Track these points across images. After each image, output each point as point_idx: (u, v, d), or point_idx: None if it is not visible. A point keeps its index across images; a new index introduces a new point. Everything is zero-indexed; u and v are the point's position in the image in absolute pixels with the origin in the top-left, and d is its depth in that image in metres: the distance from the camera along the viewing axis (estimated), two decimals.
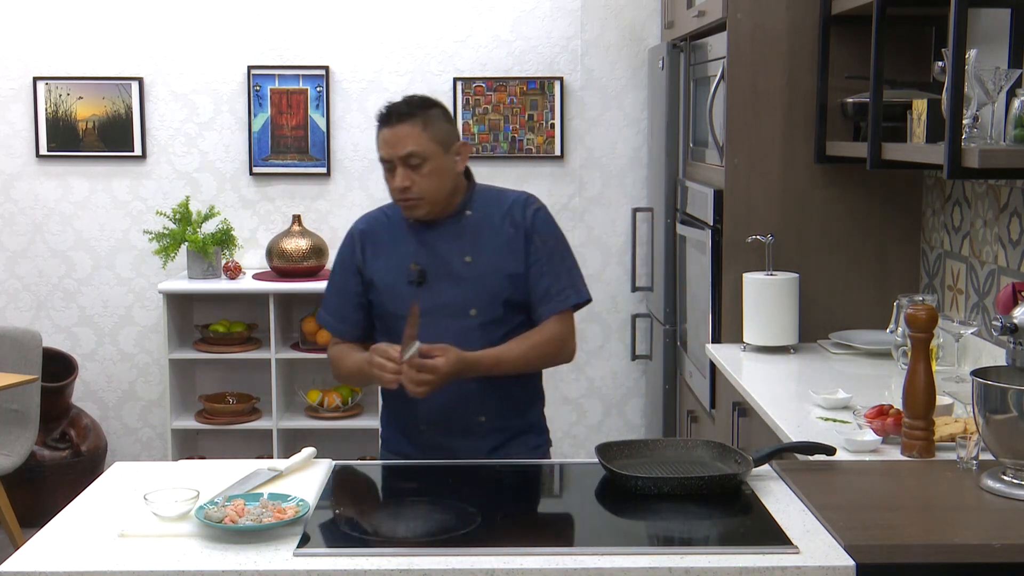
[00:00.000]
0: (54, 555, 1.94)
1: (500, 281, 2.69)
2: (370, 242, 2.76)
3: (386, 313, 2.73)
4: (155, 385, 5.24)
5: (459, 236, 2.71)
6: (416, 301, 2.56)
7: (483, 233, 2.71)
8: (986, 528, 1.98)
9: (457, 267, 2.69)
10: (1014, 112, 2.59)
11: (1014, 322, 2.30)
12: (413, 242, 2.72)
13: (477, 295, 2.68)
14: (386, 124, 2.67)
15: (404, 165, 2.63)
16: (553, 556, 1.89)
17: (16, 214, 5.17)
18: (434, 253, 2.70)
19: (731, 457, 2.33)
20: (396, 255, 2.73)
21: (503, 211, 2.73)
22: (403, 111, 2.67)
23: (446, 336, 2.63)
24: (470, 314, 2.67)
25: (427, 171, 2.63)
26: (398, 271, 2.71)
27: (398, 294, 2.69)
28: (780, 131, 3.73)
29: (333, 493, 2.26)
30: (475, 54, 5.09)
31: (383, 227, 2.78)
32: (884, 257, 3.78)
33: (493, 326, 2.68)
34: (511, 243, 2.71)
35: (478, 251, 2.70)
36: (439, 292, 2.68)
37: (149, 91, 5.10)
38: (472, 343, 2.64)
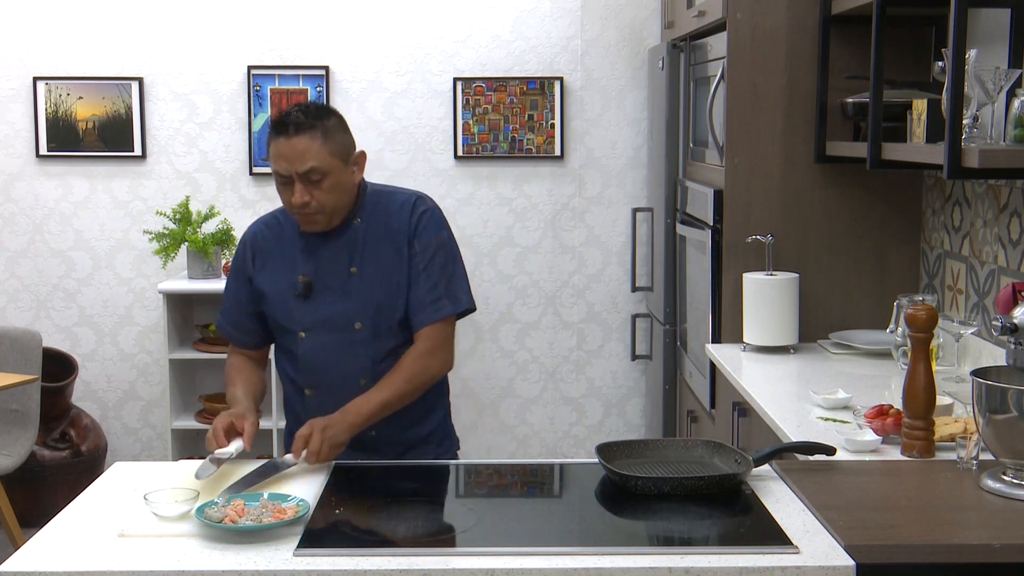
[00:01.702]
0: (54, 555, 1.94)
1: (385, 293, 2.60)
2: (260, 250, 2.66)
3: (276, 326, 2.66)
4: (155, 385, 5.24)
5: (346, 246, 2.61)
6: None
7: (370, 242, 2.61)
8: (986, 528, 1.98)
9: (342, 279, 2.60)
10: (1014, 112, 2.59)
11: (1014, 322, 2.30)
12: (301, 252, 2.62)
13: (362, 308, 2.59)
14: (282, 134, 2.50)
15: (303, 180, 2.49)
16: (553, 556, 1.89)
17: (16, 214, 5.17)
18: (321, 264, 2.61)
19: (731, 457, 2.33)
20: (284, 265, 2.63)
21: (393, 212, 2.63)
22: (300, 121, 2.49)
23: (332, 351, 2.59)
24: (355, 328, 2.60)
25: (327, 186, 2.51)
26: (286, 282, 2.62)
27: (286, 307, 2.62)
28: (780, 131, 3.73)
29: (333, 493, 2.26)
30: (475, 54, 5.09)
31: (274, 234, 2.66)
32: (884, 257, 3.79)
33: (379, 340, 2.61)
34: (397, 250, 2.61)
35: (364, 261, 2.60)
36: (324, 305, 2.60)
37: (149, 91, 5.10)
38: (359, 357, 2.60)
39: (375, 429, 2.60)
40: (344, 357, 2.60)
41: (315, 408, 2.59)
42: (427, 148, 5.13)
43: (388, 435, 2.65)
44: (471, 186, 5.15)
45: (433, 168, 5.13)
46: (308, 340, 2.61)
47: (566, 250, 5.19)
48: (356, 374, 2.62)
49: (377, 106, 5.12)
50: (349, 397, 2.56)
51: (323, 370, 2.63)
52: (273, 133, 2.53)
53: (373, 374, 2.61)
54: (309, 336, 2.61)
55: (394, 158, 5.14)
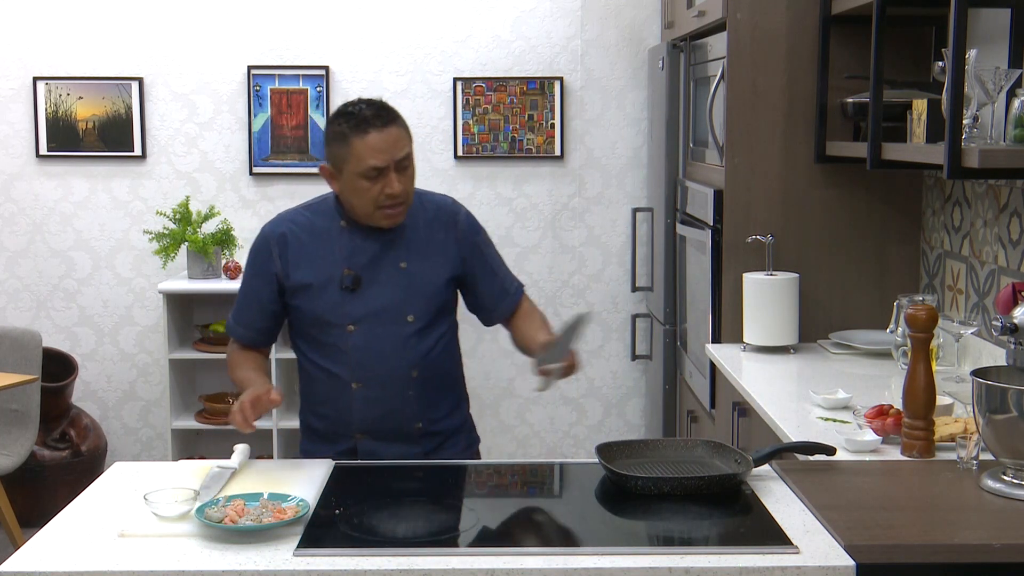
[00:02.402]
0: (54, 555, 1.94)
1: (435, 286, 2.66)
2: (292, 247, 2.63)
3: (315, 319, 2.64)
4: (155, 385, 5.25)
5: (393, 241, 2.63)
6: None
7: (414, 238, 2.65)
8: (986, 528, 1.98)
9: (392, 273, 2.62)
10: (1014, 112, 2.59)
11: (1014, 322, 2.30)
12: (344, 247, 2.62)
13: (413, 301, 2.63)
14: (372, 127, 2.50)
15: (397, 169, 2.53)
16: (553, 556, 1.89)
17: (16, 214, 5.17)
18: (367, 258, 2.62)
19: (731, 457, 2.33)
20: (325, 261, 2.62)
21: (430, 215, 2.68)
22: (384, 112, 2.53)
23: (383, 343, 2.61)
24: (407, 320, 2.63)
25: (410, 173, 2.58)
26: (328, 276, 2.61)
27: (329, 301, 2.61)
28: (780, 131, 3.73)
29: (333, 493, 2.26)
30: (475, 54, 5.09)
31: (305, 230, 2.65)
32: (884, 257, 3.78)
33: (428, 331, 2.65)
34: (442, 247, 2.67)
35: (411, 256, 2.64)
36: (374, 298, 2.61)
37: (149, 91, 5.10)
38: (409, 349, 2.62)
39: (421, 421, 2.66)
40: (396, 349, 2.61)
41: (363, 402, 2.63)
42: (427, 148, 5.13)
43: (431, 427, 2.70)
44: (471, 186, 5.15)
45: (433, 168, 5.13)
46: (358, 333, 2.61)
47: (566, 250, 5.19)
48: (408, 366, 2.64)
49: None
50: (400, 389, 2.63)
51: (375, 363, 2.62)
52: (358, 130, 2.50)
53: (423, 365, 2.65)
54: (359, 329, 2.60)
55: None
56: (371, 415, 2.64)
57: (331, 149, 2.58)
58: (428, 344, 2.66)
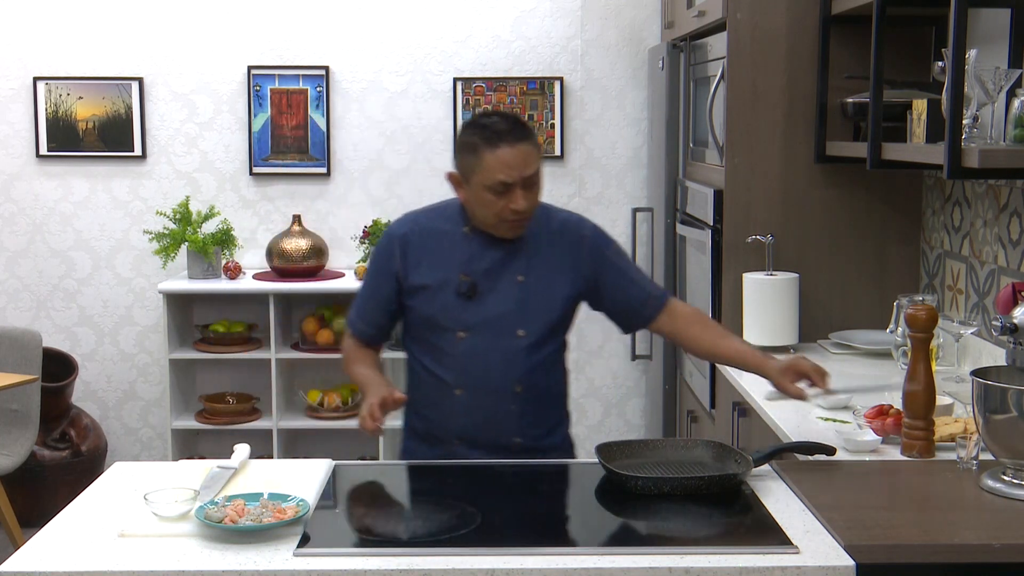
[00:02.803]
0: (54, 555, 1.94)
1: (551, 303, 2.63)
2: (413, 248, 2.63)
3: (428, 321, 2.63)
4: (155, 385, 5.24)
5: (514, 253, 2.61)
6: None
7: (536, 252, 2.63)
8: (986, 528, 1.98)
9: (509, 285, 2.61)
10: (1014, 112, 2.59)
11: (1014, 322, 2.30)
12: (464, 252, 2.61)
13: (526, 316, 2.61)
14: (504, 142, 2.48)
15: (525, 186, 2.50)
16: (553, 556, 1.90)
17: (16, 214, 5.17)
18: (486, 267, 2.60)
19: (731, 457, 2.33)
20: (444, 264, 2.61)
21: (554, 230, 2.66)
22: (517, 128, 2.52)
23: (490, 353, 2.59)
24: (517, 334, 2.61)
25: (537, 189, 2.55)
26: (445, 281, 2.60)
27: (443, 304, 2.60)
28: (780, 131, 3.73)
29: (333, 493, 2.26)
30: (475, 54, 5.09)
31: (428, 232, 2.65)
32: (884, 257, 3.78)
33: (536, 348, 2.62)
34: (564, 265, 2.64)
35: (531, 270, 2.62)
36: (488, 307, 2.59)
37: (149, 91, 5.10)
38: (516, 363, 2.60)
39: (521, 436, 2.64)
40: (503, 361, 2.60)
41: (465, 408, 2.62)
42: (427, 148, 5.13)
43: (529, 443, 2.65)
44: None
45: (433, 168, 5.13)
46: (467, 340, 2.60)
47: None
48: (512, 380, 2.62)
49: (377, 106, 5.12)
50: (501, 401, 2.61)
51: (480, 372, 2.61)
52: (490, 143, 2.49)
53: (528, 381, 2.62)
54: (469, 337, 2.60)
55: (394, 158, 5.14)
56: (471, 423, 2.62)
57: (460, 158, 2.58)
58: (535, 360, 2.63)
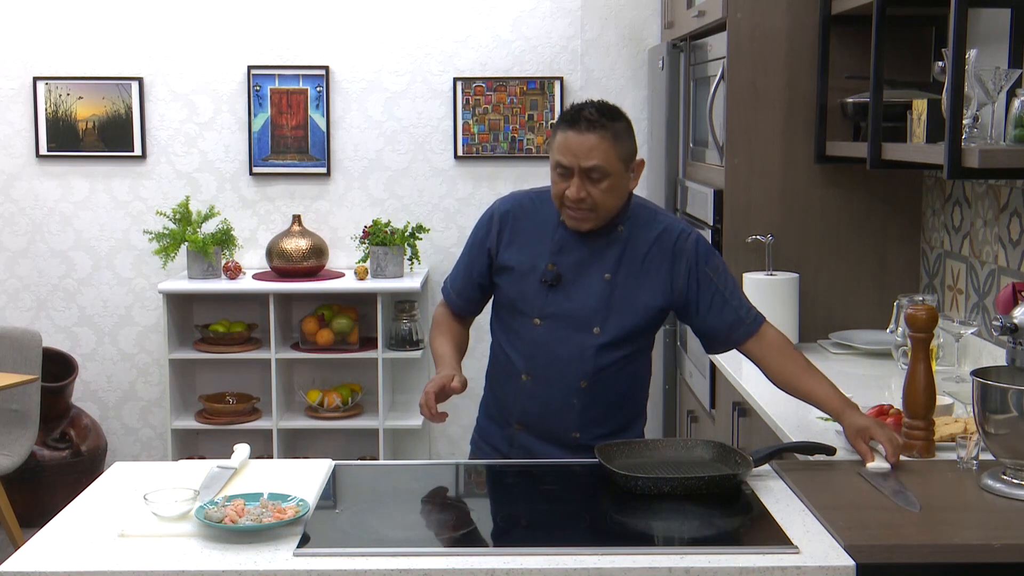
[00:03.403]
0: (54, 555, 1.94)
1: (633, 307, 2.58)
2: (509, 227, 2.63)
3: (509, 303, 2.63)
4: (155, 385, 5.24)
5: (605, 250, 2.58)
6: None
7: (628, 254, 2.59)
8: (986, 528, 1.98)
9: (594, 281, 2.57)
10: (1014, 112, 2.59)
11: (1014, 322, 2.30)
12: (556, 240, 2.59)
13: (606, 315, 2.57)
14: (573, 127, 2.48)
15: (583, 176, 2.48)
16: (553, 556, 1.89)
17: (16, 214, 5.17)
18: (574, 259, 2.58)
19: (731, 457, 2.33)
20: (534, 248, 2.60)
21: (653, 236, 2.60)
22: (594, 118, 2.48)
23: (561, 345, 2.58)
24: (593, 331, 2.58)
25: (606, 186, 2.49)
26: (532, 265, 2.59)
27: (526, 289, 2.60)
28: (780, 131, 3.73)
29: (333, 493, 2.26)
30: (475, 54, 5.09)
31: (528, 214, 2.64)
32: (884, 257, 3.78)
33: (611, 348, 2.59)
34: (657, 272, 2.59)
35: (620, 270, 2.58)
36: (569, 300, 2.57)
37: (149, 91, 5.10)
38: (586, 360, 2.58)
39: (580, 431, 2.61)
40: (574, 355, 2.58)
41: (528, 394, 2.62)
42: (427, 148, 5.13)
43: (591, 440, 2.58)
44: (471, 186, 5.15)
45: (433, 168, 5.13)
46: (542, 328, 2.59)
47: None
48: (580, 375, 2.59)
49: (377, 106, 5.12)
50: (566, 394, 2.59)
51: (549, 362, 2.59)
52: (564, 124, 2.51)
53: (595, 380, 2.60)
54: (544, 325, 2.58)
55: (394, 158, 5.14)
56: (532, 410, 2.63)
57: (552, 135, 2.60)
58: (606, 360, 2.60)
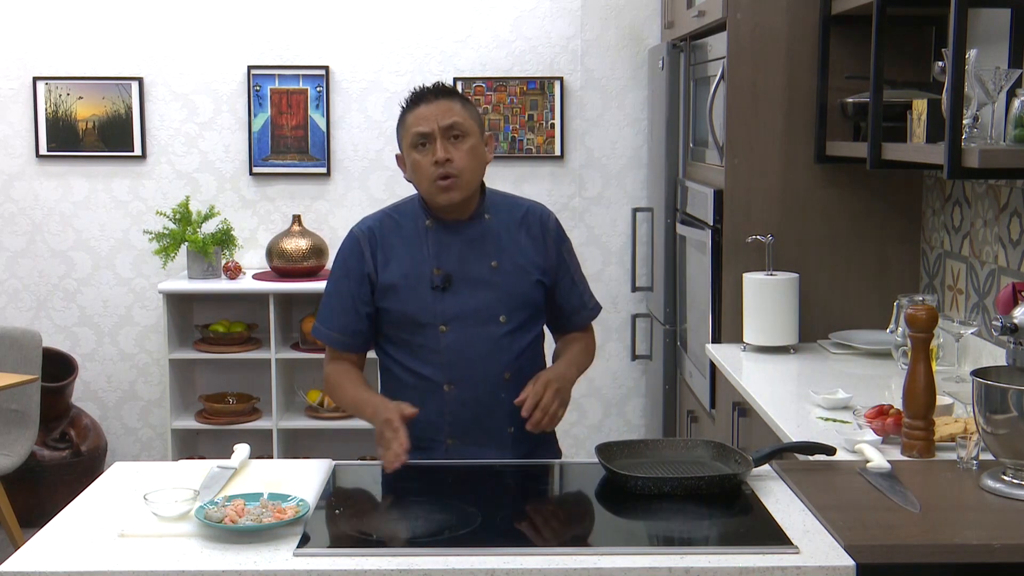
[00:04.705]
0: (54, 555, 1.94)
1: (527, 287, 2.63)
2: (381, 245, 2.61)
3: (406, 319, 2.59)
4: (155, 385, 5.24)
5: (481, 240, 2.61)
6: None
7: (503, 238, 2.63)
8: (986, 528, 1.98)
9: (483, 272, 2.59)
10: (1014, 112, 2.59)
11: (1014, 322, 2.30)
12: (431, 245, 2.60)
13: (506, 301, 2.60)
14: (422, 101, 2.56)
15: (444, 137, 2.52)
16: (553, 556, 1.89)
17: (16, 214, 5.17)
18: (457, 257, 2.59)
19: (731, 457, 2.33)
20: (412, 258, 2.59)
21: (519, 216, 2.67)
22: (440, 88, 2.59)
23: (476, 343, 2.58)
24: (499, 320, 2.59)
25: (467, 147, 2.54)
26: (417, 275, 2.58)
27: (422, 300, 2.57)
28: (780, 131, 3.73)
29: (333, 493, 2.26)
30: (475, 54, 5.09)
31: (392, 230, 2.62)
32: (884, 257, 3.78)
33: (520, 332, 2.62)
34: (532, 251, 2.65)
35: (503, 255, 2.62)
36: (466, 298, 2.58)
37: (149, 91, 5.11)
38: (502, 350, 2.59)
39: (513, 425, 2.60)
40: (490, 349, 2.58)
41: (456, 403, 2.59)
42: None
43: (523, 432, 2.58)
44: None
45: None
46: (451, 333, 2.57)
47: None
48: (501, 368, 2.60)
49: (377, 106, 5.12)
50: (492, 391, 2.59)
51: (468, 363, 2.59)
52: (410, 104, 2.58)
53: (515, 368, 2.61)
54: (452, 329, 2.57)
55: (394, 158, 5.13)
56: (463, 418, 2.60)
57: (398, 135, 2.65)
58: (520, 346, 2.62)
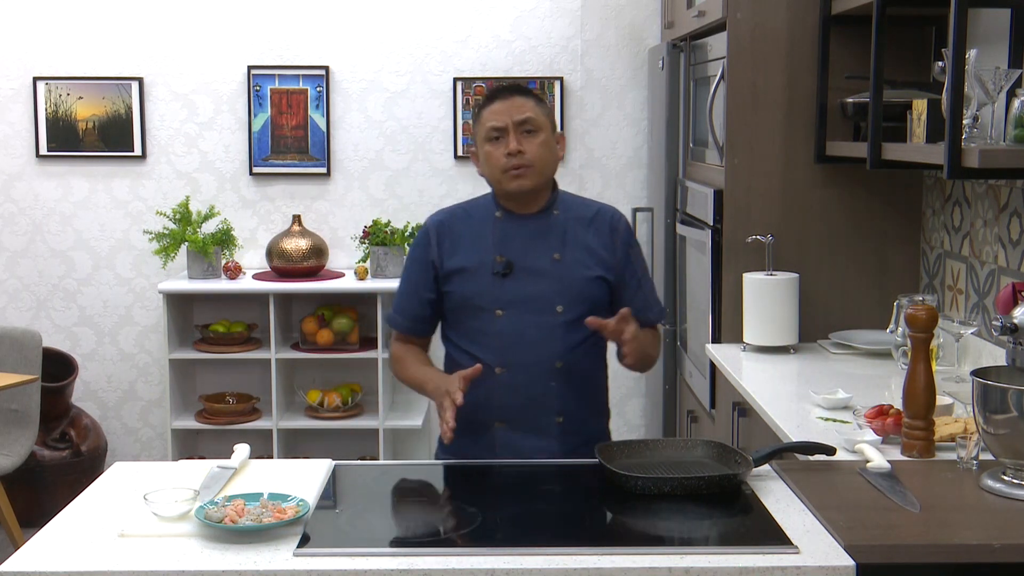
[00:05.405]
0: (54, 555, 1.94)
1: (587, 282, 2.69)
2: (448, 235, 2.73)
3: (465, 303, 2.69)
4: (155, 385, 5.24)
5: (547, 233, 2.70)
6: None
7: (570, 233, 2.71)
8: (986, 528, 1.98)
9: (545, 263, 2.67)
10: (1014, 112, 2.59)
11: (1014, 322, 2.30)
12: (497, 235, 2.70)
13: (565, 291, 2.67)
14: (498, 98, 2.67)
15: (518, 131, 2.63)
16: (553, 556, 1.89)
17: (16, 214, 5.17)
18: (521, 247, 2.68)
19: (731, 457, 2.33)
20: (478, 247, 2.70)
21: (589, 216, 2.74)
22: (515, 87, 2.70)
23: (530, 330, 2.64)
24: (556, 310, 2.66)
25: (540, 141, 2.65)
26: (480, 262, 2.68)
27: (480, 285, 2.67)
28: (780, 131, 3.73)
29: (333, 493, 2.26)
30: (475, 54, 5.09)
31: (461, 220, 2.75)
32: (884, 257, 3.78)
33: (577, 325, 2.66)
34: (599, 248, 2.71)
35: (566, 250, 2.69)
36: (525, 285, 2.66)
37: (149, 91, 5.11)
38: (555, 339, 2.65)
39: (563, 415, 2.68)
40: (543, 337, 2.65)
41: (507, 387, 2.65)
42: (427, 148, 5.13)
43: (572, 425, 2.68)
44: (471, 186, 5.14)
45: (433, 168, 5.14)
46: (506, 318, 2.65)
47: None
48: (553, 356, 2.67)
49: (377, 106, 5.12)
50: (543, 378, 2.66)
51: (521, 349, 2.65)
52: (486, 101, 2.70)
53: (568, 359, 2.67)
54: (507, 314, 2.65)
55: (394, 158, 5.14)
56: (512, 403, 2.66)
57: (473, 131, 2.77)
58: (575, 338, 2.68)
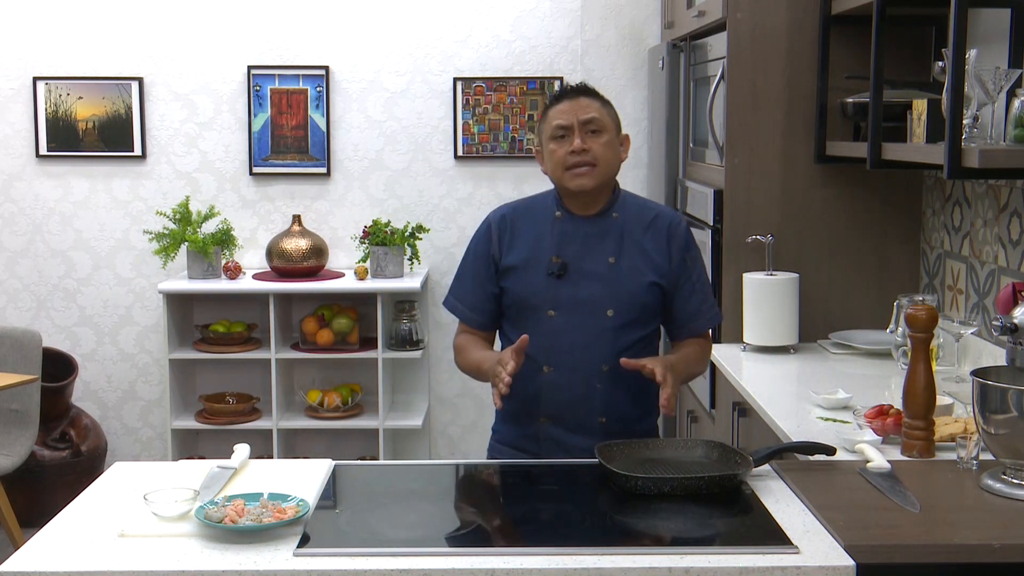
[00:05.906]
0: (54, 555, 1.94)
1: (641, 287, 2.68)
2: (509, 230, 2.74)
3: (519, 301, 2.71)
4: (155, 385, 5.24)
5: (604, 236, 2.70)
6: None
7: (627, 237, 2.70)
8: (986, 528, 1.98)
9: (599, 266, 2.68)
10: (1014, 112, 2.59)
11: (1014, 322, 2.30)
12: (556, 234, 2.70)
13: (617, 296, 2.67)
14: (564, 98, 2.70)
15: (582, 130, 2.65)
16: (553, 556, 1.89)
17: (16, 214, 5.17)
18: (577, 248, 2.69)
19: (731, 457, 2.33)
20: (537, 245, 2.71)
21: (648, 219, 2.73)
22: (582, 87, 2.72)
23: (579, 332, 2.65)
24: (607, 314, 2.66)
25: (604, 141, 2.66)
26: (537, 261, 2.69)
27: (534, 284, 2.68)
28: (780, 131, 3.73)
29: (333, 493, 2.26)
30: (475, 54, 5.09)
31: (522, 216, 2.77)
32: (884, 257, 3.78)
33: (627, 329, 2.67)
34: (655, 254, 2.71)
35: (623, 254, 2.69)
36: (578, 287, 2.67)
37: (149, 91, 5.11)
38: (605, 343, 2.65)
39: (606, 416, 2.68)
40: (592, 340, 2.66)
41: (553, 385, 2.67)
42: (427, 148, 5.13)
43: (616, 425, 2.68)
44: (471, 186, 5.15)
45: (433, 168, 5.14)
46: (558, 318, 2.66)
47: None
48: (600, 359, 2.67)
49: (377, 106, 5.12)
50: (589, 380, 2.66)
51: (569, 349, 2.66)
52: (552, 101, 2.73)
53: (614, 363, 2.65)
54: (559, 315, 2.66)
55: (394, 158, 5.14)
56: (557, 401, 2.68)
57: (537, 129, 2.79)
58: (625, 342, 2.67)
